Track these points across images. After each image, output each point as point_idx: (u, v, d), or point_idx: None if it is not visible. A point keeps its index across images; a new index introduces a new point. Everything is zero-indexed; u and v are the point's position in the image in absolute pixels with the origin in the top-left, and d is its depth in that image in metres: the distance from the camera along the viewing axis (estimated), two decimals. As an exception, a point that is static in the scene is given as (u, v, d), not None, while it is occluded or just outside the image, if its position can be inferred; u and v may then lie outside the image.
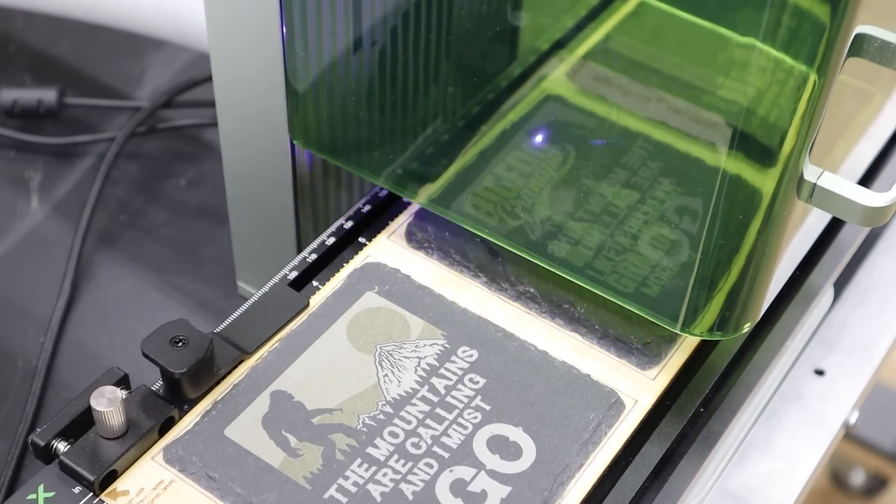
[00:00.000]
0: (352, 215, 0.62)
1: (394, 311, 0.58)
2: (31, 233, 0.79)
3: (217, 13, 0.61)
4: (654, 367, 0.57)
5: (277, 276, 0.59)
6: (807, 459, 0.67)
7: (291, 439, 0.53)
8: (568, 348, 0.57)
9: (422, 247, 0.61)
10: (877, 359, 0.72)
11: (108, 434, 0.52)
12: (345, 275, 0.60)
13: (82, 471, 0.51)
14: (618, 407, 0.55)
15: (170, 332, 0.53)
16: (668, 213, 0.55)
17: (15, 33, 0.91)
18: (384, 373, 0.56)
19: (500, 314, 0.58)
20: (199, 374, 0.54)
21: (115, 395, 0.51)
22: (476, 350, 0.57)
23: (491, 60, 0.58)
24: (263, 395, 0.55)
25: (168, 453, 0.53)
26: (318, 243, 0.61)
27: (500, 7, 0.56)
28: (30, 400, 0.69)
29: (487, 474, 0.53)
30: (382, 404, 0.55)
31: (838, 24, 0.46)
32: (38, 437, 0.52)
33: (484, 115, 0.59)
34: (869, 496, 1.37)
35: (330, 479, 0.52)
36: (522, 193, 0.59)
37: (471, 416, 0.54)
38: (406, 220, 0.62)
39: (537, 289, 0.59)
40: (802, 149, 0.50)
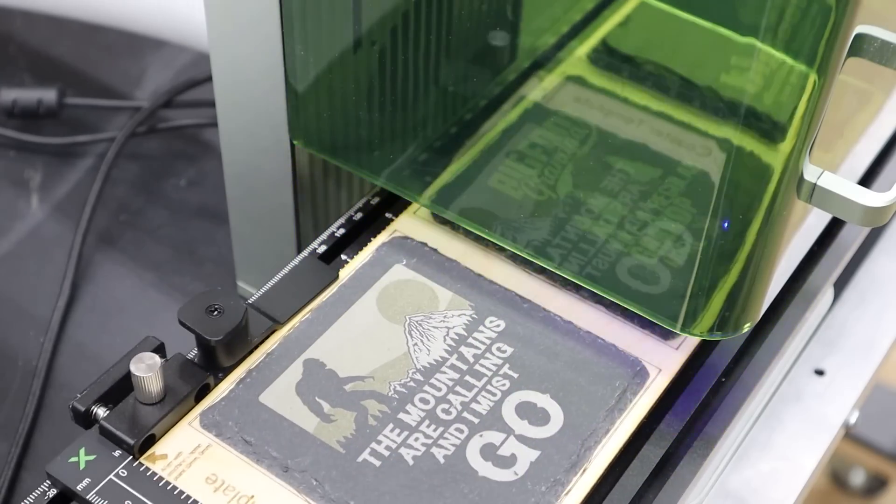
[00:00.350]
0: (378, 192, 0.63)
1: (422, 282, 0.59)
2: (31, 233, 0.79)
3: (217, 13, 0.61)
4: (677, 338, 0.58)
5: (307, 250, 0.60)
6: (807, 459, 0.67)
7: (325, 405, 0.54)
8: (593, 319, 0.58)
9: (447, 221, 0.62)
10: (877, 359, 0.72)
11: (147, 399, 0.53)
12: (373, 248, 0.61)
13: (122, 435, 0.52)
14: (642, 375, 0.56)
15: (206, 300, 0.55)
16: (668, 213, 0.55)
17: (15, 33, 0.91)
18: (414, 342, 0.57)
19: (525, 286, 0.59)
20: (233, 342, 0.55)
21: (154, 360, 0.52)
22: (503, 320, 0.58)
23: (491, 60, 0.58)
24: (296, 363, 0.56)
25: (205, 419, 0.54)
26: (345, 219, 0.62)
27: (501, 6, 0.56)
28: (30, 400, 0.69)
29: (517, 439, 0.54)
30: (413, 372, 0.56)
31: (838, 24, 0.46)
32: (78, 403, 0.53)
33: (484, 114, 0.59)
34: (869, 496, 1.37)
35: (363, 444, 0.53)
36: (522, 193, 0.59)
37: (499, 383, 0.55)
38: (429, 195, 0.62)
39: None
40: (802, 149, 0.50)
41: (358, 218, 0.62)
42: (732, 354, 0.59)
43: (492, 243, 0.60)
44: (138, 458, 0.52)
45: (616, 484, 0.53)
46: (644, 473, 0.54)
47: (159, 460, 0.52)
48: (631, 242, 0.57)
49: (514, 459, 0.53)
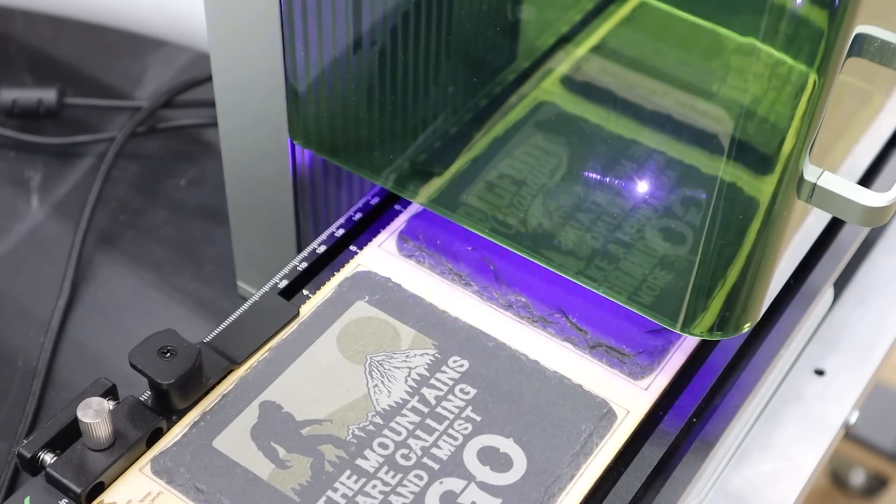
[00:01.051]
0: (343, 223, 0.62)
1: (384, 320, 0.58)
2: (31, 233, 0.79)
3: (217, 13, 0.61)
4: (647, 377, 0.57)
5: (267, 285, 0.59)
6: (807, 459, 0.67)
7: (280, 450, 0.53)
8: (560, 358, 0.57)
9: (413, 255, 0.61)
10: (877, 359, 0.72)
11: (95, 446, 0.51)
12: (335, 283, 0.59)
13: (69, 483, 0.50)
14: (609, 417, 0.55)
15: (157, 342, 0.53)
16: (668, 213, 0.55)
17: (15, 33, 0.91)
18: (374, 383, 0.55)
19: (491, 323, 0.58)
20: (187, 384, 0.53)
21: (102, 406, 0.51)
22: (467, 360, 0.57)
23: (491, 60, 0.58)
24: (252, 405, 0.54)
25: (156, 465, 0.52)
26: (308, 252, 0.61)
27: (500, 6, 0.56)
28: (30, 400, 0.69)
29: (478, 486, 0.52)
30: (372, 415, 0.54)
31: (838, 25, 0.46)
32: (24, 449, 0.51)
33: (484, 114, 0.59)
34: (869, 496, 1.37)
35: (319, 492, 0.52)
36: (522, 193, 0.59)
37: (461, 426, 0.54)
38: (397, 228, 0.62)
39: (529, 297, 0.59)
40: (802, 149, 0.50)
41: (321, 251, 0.61)
42: (732, 354, 0.59)
43: (458, 277, 0.60)
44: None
45: (615, 484, 0.53)
46: (643, 474, 0.54)
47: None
48: (631, 242, 0.57)
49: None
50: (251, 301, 0.58)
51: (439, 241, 0.61)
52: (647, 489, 0.54)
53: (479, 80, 0.59)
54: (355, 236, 0.62)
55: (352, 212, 0.63)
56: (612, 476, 0.54)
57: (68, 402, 0.52)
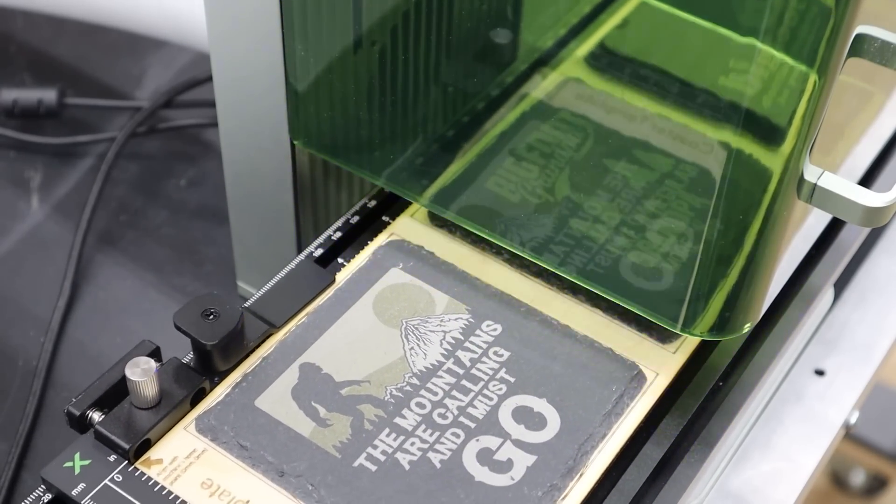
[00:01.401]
0: (375, 195, 0.63)
1: (419, 286, 0.59)
2: (31, 233, 0.79)
3: (217, 13, 0.61)
4: (675, 341, 0.58)
5: (303, 253, 0.60)
6: (807, 459, 0.67)
7: (321, 410, 0.54)
8: (590, 323, 0.58)
9: (444, 224, 0.62)
10: (877, 359, 0.72)
11: (142, 404, 0.53)
12: (370, 252, 0.61)
13: (117, 439, 0.52)
14: (639, 379, 0.56)
15: (201, 304, 0.54)
16: (668, 213, 0.55)
17: (15, 33, 0.91)
18: (410, 346, 0.57)
19: (522, 290, 0.59)
20: (229, 346, 0.55)
21: (150, 365, 0.52)
22: (500, 324, 0.58)
23: (491, 60, 0.58)
24: (293, 367, 0.56)
25: (200, 423, 0.54)
26: (342, 222, 0.62)
27: (501, 7, 0.56)
28: (30, 400, 0.69)
29: (513, 443, 0.53)
30: (409, 376, 0.55)
31: (838, 25, 0.46)
32: (73, 407, 0.53)
33: (484, 115, 0.59)
34: (869, 496, 1.37)
35: (359, 448, 0.53)
36: (522, 193, 0.59)
37: (496, 387, 0.55)
38: (429, 196, 0.62)
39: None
40: (802, 149, 0.50)
41: (355, 221, 0.62)
42: (732, 355, 0.59)
43: (489, 246, 0.60)
44: (133, 463, 0.52)
45: (616, 485, 0.53)
46: (644, 474, 0.54)
47: (154, 465, 0.52)
48: (631, 243, 0.57)
49: (510, 464, 0.53)
50: (287, 269, 0.59)
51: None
52: (647, 489, 0.54)
53: (480, 79, 0.59)
54: (388, 207, 0.63)
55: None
56: (641, 439, 0.55)
57: (115, 363, 0.53)
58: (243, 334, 0.55)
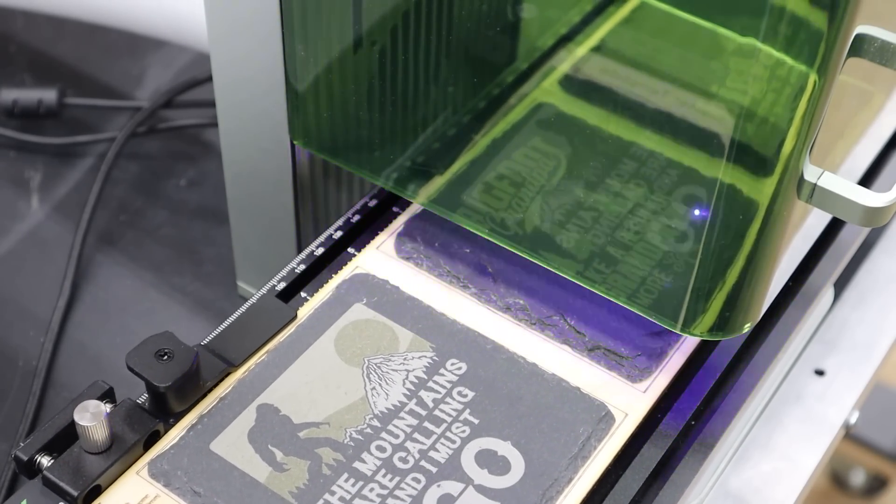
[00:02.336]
0: (341, 225, 0.62)
1: (382, 323, 0.58)
2: (31, 233, 0.79)
3: (217, 13, 0.61)
4: (645, 380, 0.57)
5: (265, 287, 0.59)
6: (807, 459, 0.67)
7: (277, 453, 0.53)
8: (558, 360, 0.57)
9: (411, 258, 0.61)
10: (877, 359, 0.72)
11: (92, 449, 0.51)
12: (333, 286, 0.59)
13: (66, 486, 0.50)
14: (608, 420, 0.55)
15: (155, 345, 0.53)
16: (668, 213, 0.55)
17: (15, 33, 0.91)
18: (372, 386, 0.55)
19: (489, 325, 0.58)
20: (184, 387, 0.53)
21: (99, 409, 0.50)
22: (465, 362, 0.57)
23: (491, 60, 0.58)
24: (250, 408, 0.54)
25: (153, 468, 0.52)
26: (306, 254, 0.61)
27: (501, 7, 0.56)
28: (30, 400, 0.69)
29: (475, 489, 0.52)
30: (370, 418, 0.54)
31: (838, 25, 0.46)
32: (21, 452, 0.51)
33: (484, 115, 0.59)
34: (869, 496, 1.37)
35: (316, 495, 0.52)
36: (522, 193, 0.59)
37: (459, 429, 0.54)
38: (395, 230, 0.62)
39: (527, 300, 0.59)
40: (802, 149, 0.50)
41: (319, 253, 0.61)
42: (732, 354, 0.59)
43: (456, 280, 0.60)
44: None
45: (616, 484, 0.53)
46: (643, 474, 0.54)
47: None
48: (631, 242, 0.57)
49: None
50: (248, 304, 0.58)
51: (438, 242, 0.61)
52: (646, 490, 0.54)
53: (480, 80, 0.59)
54: (353, 238, 0.62)
55: (349, 214, 0.63)
56: (612, 477, 0.54)
57: (66, 404, 0.52)
58: (199, 375, 0.54)
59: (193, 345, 0.54)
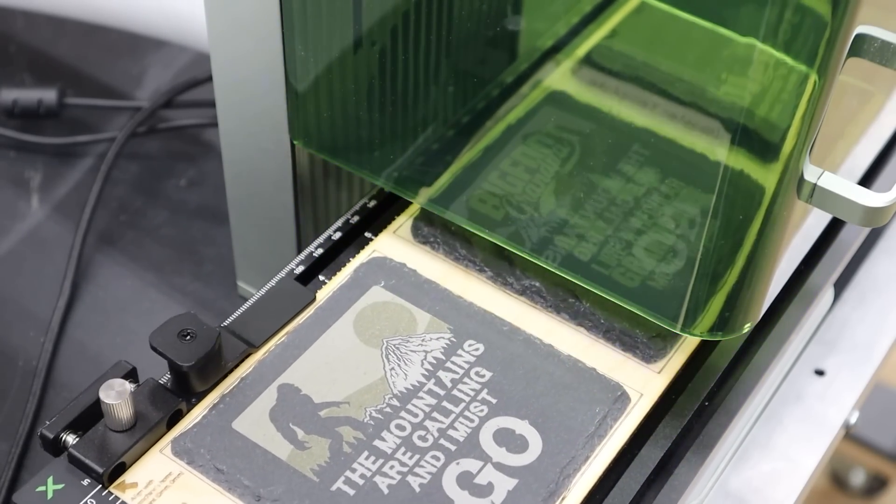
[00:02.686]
0: (357, 210, 0.63)
1: (400, 305, 0.58)
2: (31, 233, 0.79)
3: (217, 13, 0.61)
4: (660, 361, 0.57)
5: (284, 270, 0.60)
6: (807, 459, 0.67)
7: (299, 432, 0.53)
8: (573, 342, 0.58)
9: (427, 241, 0.61)
10: (877, 359, 0.72)
11: (117, 427, 0.52)
12: (351, 269, 0.60)
13: (91, 463, 0.51)
14: (623, 400, 0.55)
15: (178, 325, 0.54)
16: (668, 213, 0.55)
17: (15, 33, 0.91)
18: (391, 366, 0.56)
19: (505, 308, 0.59)
20: (206, 367, 0.54)
21: (124, 387, 0.51)
22: (482, 344, 0.57)
23: (491, 60, 0.58)
24: (271, 388, 0.55)
25: (176, 446, 0.53)
26: (324, 238, 0.61)
27: (501, 7, 0.56)
28: (30, 400, 0.69)
29: (494, 467, 0.53)
30: (389, 397, 0.55)
31: (838, 25, 0.46)
32: (47, 430, 0.52)
33: (484, 115, 0.59)
34: (869, 496, 1.37)
35: (337, 472, 0.52)
36: (522, 194, 0.59)
37: (477, 409, 0.55)
38: (412, 214, 0.62)
39: (542, 283, 0.59)
40: (802, 149, 0.50)
41: (336, 237, 0.61)
42: (732, 355, 0.59)
43: (472, 263, 0.60)
44: (108, 487, 0.51)
45: (616, 484, 0.53)
46: (643, 474, 0.54)
47: (129, 489, 0.51)
48: (631, 242, 0.57)
49: (490, 488, 0.52)
50: (268, 286, 0.59)
51: (454, 226, 0.61)
52: (647, 489, 0.54)
53: (479, 80, 0.59)
54: (370, 223, 0.62)
55: (366, 199, 0.63)
56: (624, 460, 0.54)
57: (89, 385, 0.52)
58: (221, 355, 0.54)
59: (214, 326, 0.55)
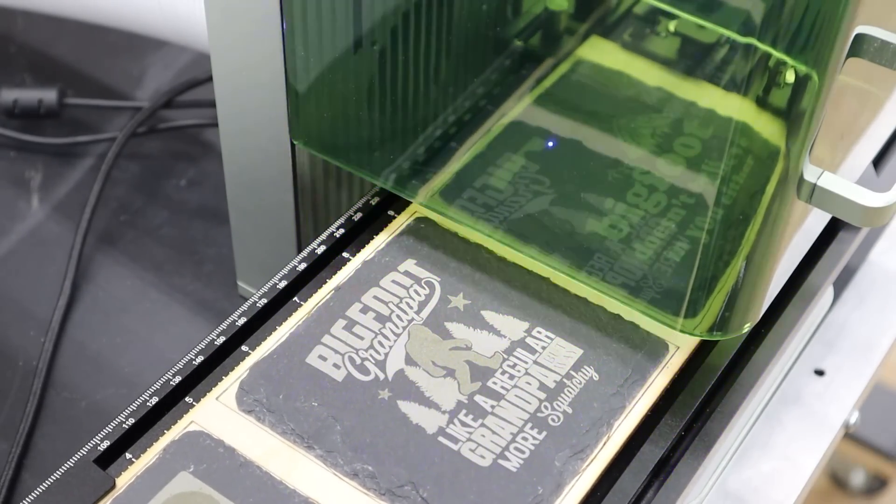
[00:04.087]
0: (180, 369, 0.56)
1: (209, 496, 0.51)
2: (31, 233, 0.79)
3: (217, 13, 0.61)
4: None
5: (84, 448, 0.53)
6: (807, 459, 0.67)
7: None
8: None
9: (252, 410, 0.55)
10: (877, 359, 0.72)
11: None
12: (160, 448, 0.53)
13: None
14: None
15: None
16: (668, 212, 0.55)
17: (15, 33, 0.91)
18: None
19: (332, 494, 0.52)
20: None
21: None
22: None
23: (491, 60, 0.58)
24: None
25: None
26: (136, 405, 0.54)
27: (501, 6, 0.56)
28: (30, 400, 0.69)
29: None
30: None
31: (838, 24, 0.46)
32: None
33: (484, 115, 0.59)
34: (869, 496, 1.37)
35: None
36: (522, 192, 0.59)
37: None
38: (239, 377, 0.55)
39: (376, 467, 0.53)
40: (802, 149, 0.50)
41: (153, 403, 0.54)
42: (732, 355, 0.59)
43: (300, 440, 0.54)
44: None
45: (615, 484, 0.53)
46: (643, 473, 0.54)
47: None
48: (631, 242, 0.57)
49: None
50: (63, 469, 0.52)
51: (282, 395, 0.55)
52: (646, 488, 0.54)
53: (479, 79, 0.59)
54: (192, 386, 0.56)
55: (192, 355, 0.56)
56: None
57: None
58: None
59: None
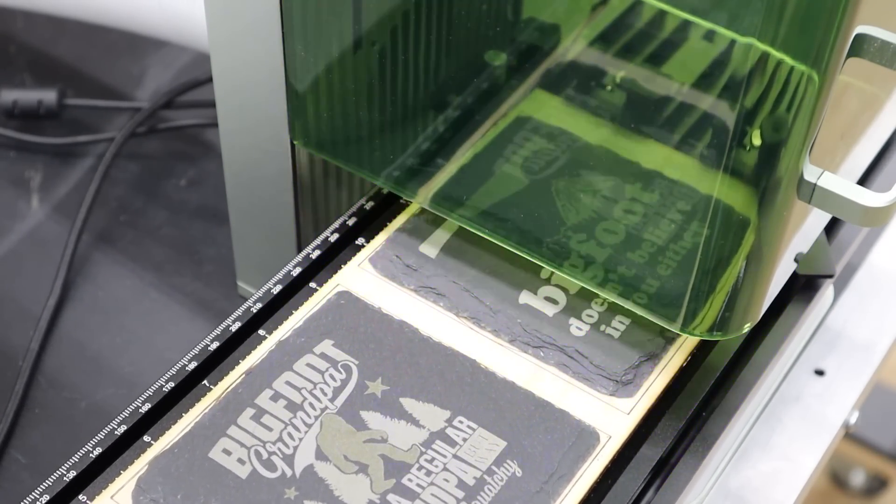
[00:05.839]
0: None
1: None
2: (31, 233, 0.79)
3: (217, 13, 0.61)
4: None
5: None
6: (807, 459, 0.67)
7: None
8: None
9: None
10: (877, 359, 0.72)
11: None
12: None
13: None
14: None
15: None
16: (667, 213, 0.55)
17: (15, 33, 0.91)
18: None
19: None
20: None
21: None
22: None
23: (491, 60, 0.58)
24: None
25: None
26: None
27: (500, 6, 0.56)
28: (11, 399, 0.68)
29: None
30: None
31: (838, 24, 0.46)
32: None
33: (484, 114, 0.59)
34: (869, 496, 1.37)
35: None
36: (521, 193, 0.59)
37: None
38: (138, 472, 0.52)
39: None
40: (802, 149, 0.50)
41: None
42: (732, 355, 0.59)
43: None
44: None
45: (615, 484, 0.53)
46: (643, 473, 0.54)
47: None
48: (631, 242, 0.57)
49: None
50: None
51: (181, 494, 0.51)
52: (646, 489, 0.54)
53: (479, 79, 0.59)
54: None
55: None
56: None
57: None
58: None
59: None
